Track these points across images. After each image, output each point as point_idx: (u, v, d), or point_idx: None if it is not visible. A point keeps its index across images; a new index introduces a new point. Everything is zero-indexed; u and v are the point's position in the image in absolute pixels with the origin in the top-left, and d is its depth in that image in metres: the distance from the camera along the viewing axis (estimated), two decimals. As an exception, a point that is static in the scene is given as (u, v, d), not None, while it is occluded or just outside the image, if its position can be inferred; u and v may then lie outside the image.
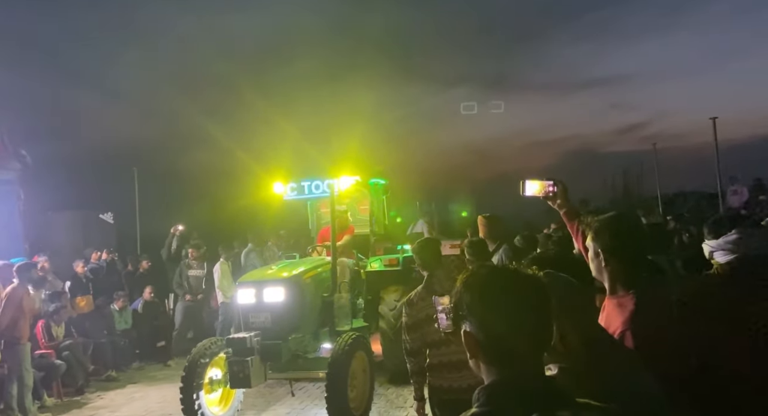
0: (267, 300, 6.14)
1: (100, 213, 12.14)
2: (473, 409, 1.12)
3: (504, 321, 1.13)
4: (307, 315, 6.40)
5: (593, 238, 2.12)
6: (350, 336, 5.82)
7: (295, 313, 6.20)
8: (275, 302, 6.13)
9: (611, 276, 2.05)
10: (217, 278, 9.52)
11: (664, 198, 17.80)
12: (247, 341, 5.76)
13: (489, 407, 1.11)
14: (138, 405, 7.23)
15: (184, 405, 5.72)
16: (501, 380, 1.14)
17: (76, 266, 9.38)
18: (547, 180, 2.66)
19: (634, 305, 1.91)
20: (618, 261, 2.03)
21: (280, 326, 6.04)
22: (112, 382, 8.28)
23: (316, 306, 6.60)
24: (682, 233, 9.05)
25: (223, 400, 6.21)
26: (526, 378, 1.12)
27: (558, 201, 2.65)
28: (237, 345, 5.78)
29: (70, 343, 7.88)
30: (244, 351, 5.74)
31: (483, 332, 1.15)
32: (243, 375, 5.67)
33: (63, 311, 8.08)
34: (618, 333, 1.86)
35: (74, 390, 7.69)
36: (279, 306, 6.11)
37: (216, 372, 6.02)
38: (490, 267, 1.24)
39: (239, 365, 5.66)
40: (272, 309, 6.09)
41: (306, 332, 6.35)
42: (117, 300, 9.39)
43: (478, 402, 1.13)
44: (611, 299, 2.05)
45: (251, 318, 6.14)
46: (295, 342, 6.12)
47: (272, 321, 6.05)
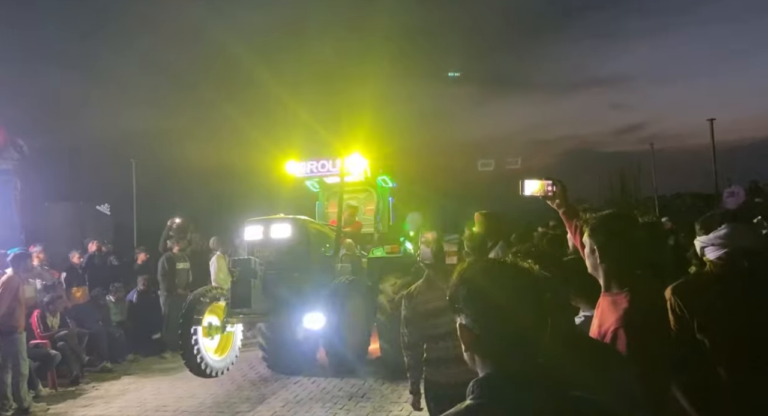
0: (273, 236, 6.37)
1: (97, 205, 12.13)
2: (468, 401, 1.13)
3: (500, 314, 1.14)
4: (309, 258, 6.58)
5: (590, 235, 2.14)
6: (349, 277, 6.00)
7: (299, 252, 6.41)
8: (281, 238, 6.36)
9: (606, 273, 2.07)
10: (214, 271, 9.52)
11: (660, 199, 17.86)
12: (251, 262, 5.92)
13: (484, 399, 1.12)
14: (132, 396, 7.24)
15: (182, 339, 5.87)
16: (496, 372, 1.15)
17: (72, 257, 9.37)
18: (546, 179, 2.69)
19: (628, 303, 1.93)
20: (613, 258, 2.05)
21: (284, 261, 6.25)
22: (107, 373, 8.28)
23: (318, 256, 6.81)
24: (678, 234, 9.08)
25: (220, 349, 6.37)
26: (522, 371, 1.13)
27: (557, 200, 2.67)
28: (242, 265, 5.95)
29: (65, 334, 7.89)
30: (248, 272, 5.89)
31: (479, 324, 1.15)
32: (245, 294, 5.81)
33: (58, 301, 8.08)
34: (612, 330, 1.88)
35: (69, 380, 7.69)
36: (284, 242, 6.34)
37: (214, 318, 6.16)
38: (486, 260, 1.25)
39: (242, 284, 5.82)
40: (278, 245, 6.32)
41: (307, 276, 6.48)
42: (113, 292, 9.39)
43: (473, 394, 1.14)
44: (606, 296, 2.07)
45: (257, 252, 6.34)
46: (296, 280, 6.30)
47: (277, 255, 6.29)
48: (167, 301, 9.60)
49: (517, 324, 1.13)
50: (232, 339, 6.52)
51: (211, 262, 9.65)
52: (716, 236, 2.23)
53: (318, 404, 6.41)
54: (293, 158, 7.60)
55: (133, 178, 12.62)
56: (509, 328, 1.13)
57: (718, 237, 2.23)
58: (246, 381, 7.58)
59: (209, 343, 6.21)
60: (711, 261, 2.28)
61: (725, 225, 2.23)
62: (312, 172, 7.73)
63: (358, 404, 6.21)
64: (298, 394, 6.93)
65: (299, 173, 7.73)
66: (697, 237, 2.34)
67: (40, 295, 8.01)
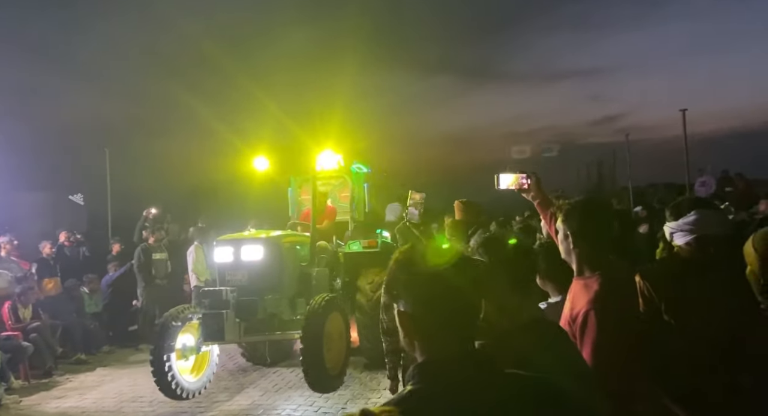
0: (245, 258, 6.10)
1: (70, 195, 11.84)
2: (408, 387, 1.13)
3: (437, 299, 1.14)
4: (283, 278, 6.36)
5: (563, 220, 2.17)
6: (325, 297, 5.85)
7: (273, 273, 6.17)
8: (253, 260, 6.09)
9: (579, 257, 2.11)
10: (191, 262, 9.40)
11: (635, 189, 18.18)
12: (223, 293, 5.71)
13: (423, 384, 1.12)
14: (108, 387, 7.15)
15: (155, 367, 5.63)
16: (434, 357, 1.15)
17: (42, 248, 9.18)
18: (520, 173, 2.76)
19: (599, 285, 1.96)
20: (585, 243, 2.08)
21: (257, 284, 6.00)
22: (81, 365, 8.17)
23: (294, 273, 6.58)
24: (652, 221, 9.28)
25: (195, 369, 6.16)
26: (459, 353, 1.14)
27: (531, 193, 2.74)
28: (212, 297, 5.72)
29: (37, 325, 7.74)
30: (219, 304, 5.66)
31: (417, 309, 1.16)
32: (217, 327, 5.60)
33: (30, 293, 7.92)
34: (582, 312, 1.91)
35: (42, 372, 7.57)
36: (256, 264, 6.08)
37: (189, 338, 5.95)
38: (420, 246, 1.26)
39: (213, 318, 5.60)
40: (249, 268, 6.06)
41: (282, 295, 6.31)
42: (87, 283, 9.24)
43: (412, 380, 1.14)
44: (578, 280, 2.11)
45: (228, 276, 6.10)
46: (271, 302, 6.08)
47: (249, 279, 6.02)
48: (144, 293, 9.47)
49: (452, 308, 1.14)
50: (208, 357, 6.27)
51: (188, 252, 9.52)
52: (685, 222, 2.28)
53: (297, 392, 6.42)
54: (262, 154, 7.38)
55: (107, 167, 12.31)
56: (445, 312, 1.14)
57: (687, 223, 2.27)
58: (224, 370, 7.54)
59: (184, 364, 5.94)
60: (679, 247, 2.34)
61: (694, 212, 2.28)
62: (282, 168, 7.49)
63: (337, 392, 6.23)
64: (276, 383, 6.93)
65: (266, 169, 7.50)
66: (666, 223, 2.39)
67: (11, 286, 7.83)
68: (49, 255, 9.27)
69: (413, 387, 1.13)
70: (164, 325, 5.70)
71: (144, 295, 9.48)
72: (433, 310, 1.15)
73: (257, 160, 7.25)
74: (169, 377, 5.64)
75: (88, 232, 11.05)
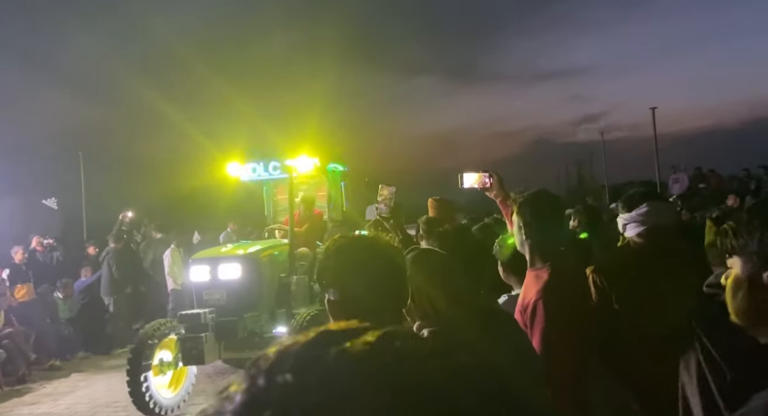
0: (222, 277, 6.00)
1: (43, 199, 11.64)
2: None
3: (366, 284, 1.18)
4: (263, 294, 6.27)
5: (517, 213, 2.23)
6: (309, 314, 5.77)
7: (251, 291, 6.07)
8: (230, 279, 5.98)
9: (530, 248, 2.16)
10: (167, 265, 9.32)
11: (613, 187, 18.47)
12: (201, 317, 5.59)
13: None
14: (83, 393, 7.06)
15: (131, 387, 5.52)
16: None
17: (15, 253, 9.02)
18: (483, 172, 2.83)
19: (548, 276, 2.01)
20: (537, 234, 2.13)
21: (236, 303, 5.90)
22: (56, 371, 8.04)
23: (273, 286, 6.48)
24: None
25: (173, 383, 6.04)
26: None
27: (494, 191, 2.80)
28: (190, 320, 5.61)
29: (10, 332, 7.62)
30: (197, 327, 5.55)
31: (347, 296, 1.19)
32: (196, 351, 5.49)
33: (2, 299, 7.79)
34: (532, 302, 1.97)
35: (15, 379, 7.44)
36: (234, 283, 5.97)
37: (166, 353, 5.85)
38: (349, 236, 1.30)
39: (192, 341, 5.48)
40: (227, 287, 5.95)
41: (262, 311, 6.23)
42: (61, 289, 9.10)
43: None
44: (530, 271, 2.16)
45: (205, 295, 6.00)
46: (251, 320, 5.99)
47: (227, 298, 5.91)
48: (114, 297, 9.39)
49: (382, 293, 1.17)
50: (186, 371, 6.15)
51: (164, 255, 9.44)
52: (638, 213, 2.34)
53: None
54: (236, 159, 7.30)
55: (81, 170, 12.14)
56: (374, 297, 1.17)
57: (640, 214, 2.33)
58: (202, 374, 7.47)
59: (161, 380, 5.82)
60: (631, 238, 2.40)
61: (646, 204, 2.34)
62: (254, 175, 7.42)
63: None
64: (254, 385, 6.90)
65: (242, 176, 7.44)
66: (619, 215, 2.45)
67: (-19, 293, 7.69)
68: (21, 261, 9.11)
69: None
70: (140, 343, 5.60)
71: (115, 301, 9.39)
72: (363, 295, 1.17)
73: (230, 165, 7.18)
74: (147, 397, 5.53)
75: (62, 237, 10.87)
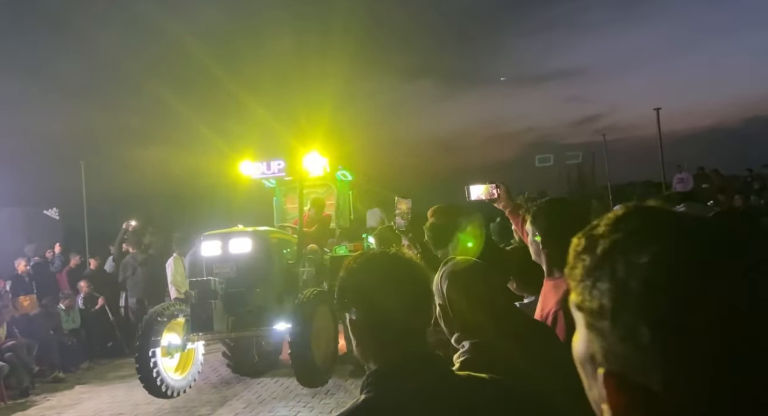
0: (232, 251, 6.10)
1: (45, 209, 11.60)
2: (362, 396, 1.11)
3: (390, 303, 1.13)
4: (271, 273, 6.35)
5: (531, 222, 2.17)
6: (313, 291, 5.87)
7: (261, 266, 6.16)
8: (240, 253, 6.09)
9: (548, 258, 2.10)
10: (170, 274, 9.24)
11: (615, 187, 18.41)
12: (211, 283, 5.73)
13: (375, 392, 1.10)
14: (87, 406, 6.99)
15: (140, 363, 5.58)
16: (386, 364, 1.13)
17: (17, 265, 8.98)
18: (490, 183, 2.82)
19: (567, 285, 1.95)
20: (553, 243, 2.07)
21: (245, 277, 6.00)
22: (59, 383, 7.98)
23: (281, 268, 6.58)
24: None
25: (180, 367, 6.13)
26: (410, 360, 1.12)
27: (502, 202, 2.77)
28: (201, 286, 5.75)
29: (13, 344, 7.56)
30: (207, 294, 5.65)
31: (370, 316, 1.14)
32: (205, 316, 5.62)
33: (5, 311, 7.76)
34: (552, 312, 1.91)
35: (19, 392, 7.38)
36: (244, 257, 6.08)
37: (174, 337, 5.91)
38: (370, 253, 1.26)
39: (202, 306, 5.61)
40: (237, 260, 6.06)
41: (270, 290, 6.28)
42: (63, 300, 9.05)
43: (366, 388, 1.11)
44: (548, 281, 2.10)
45: (215, 269, 6.08)
46: (259, 295, 6.07)
47: (237, 271, 6.02)
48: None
49: (406, 312, 1.13)
50: (193, 356, 6.22)
51: (167, 264, 9.38)
52: None
53: (281, 403, 6.34)
54: (248, 158, 7.37)
55: (83, 180, 12.09)
56: (398, 316, 1.12)
57: None
58: (207, 384, 7.42)
59: (168, 363, 5.90)
60: None
61: (684, 204, 2.27)
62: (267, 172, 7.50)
63: (322, 401, 6.17)
64: (260, 395, 6.84)
65: (254, 174, 7.52)
66: None
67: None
68: (24, 272, 9.08)
69: (366, 395, 1.10)
70: (150, 321, 5.68)
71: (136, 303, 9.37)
72: (385, 317, 1.12)
73: (243, 164, 7.28)
74: (155, 374, 5.59)
75: (64, 247, 10.82)
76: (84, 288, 9.47)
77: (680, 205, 2.28)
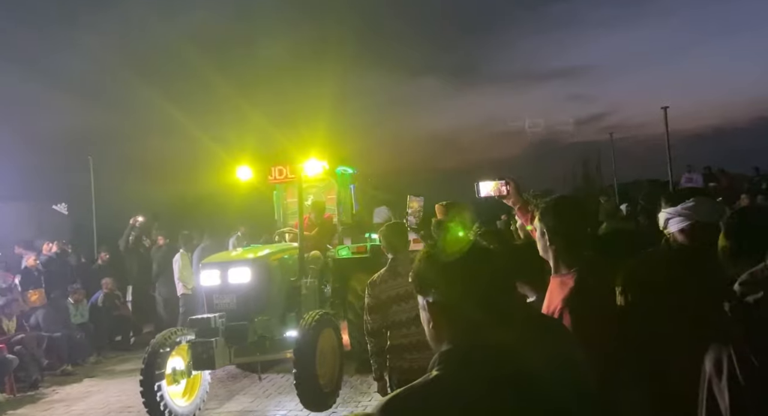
0: (232, 281, 6.02)
1: (54, 204, 11.69)
2: (434, 372, 1.15)
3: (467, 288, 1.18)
4: (273, 298, 6.28)
5: (539, 219, 2.19)
6: (317, 313, 5.78)
7: (261, 295, 6.09)
8: (240, 283, 6.01)
9: (555, 255, 2.12)
10: (177, 269, 9.33)
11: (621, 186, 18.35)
12: (211, 321, 5.61)
13: (447, 370, 1.14)
14: (95, 399, 7.06)
15: (145, 397, 5.50)
16: (459, 347, 1.17)
17: (27, 259, 9.06)
18: (499, 179, 2.79)
19: (574, 282, 1.98)
20: (561, 240, 2.10)
21: (246, 307, 5.93)
22: (68, 376, 8.07)
23: (283, 290, 6.50)
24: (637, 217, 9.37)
25: (187, 392, 6.01)
26: (484, 345, 1.16)
27: (511, 199, 2.77)
28: (201, 325, 5.63)
29: (22, 337, 7.65)
30: (208, 332, 5.57)
31: (447, 298, 1.19)
32: (207, 355, 5.48)
33: (14, 305, 7.84)
34: (558, 309, 1.93)
35: (28, 385, 7.47)
36: (244, 287, 6.00)
37: (178, 361, 5.84)
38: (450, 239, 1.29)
39: (203, 346, 5.49)
40: (237, 291, 5.98)
41: (272, 315, 6.23)
42: (72, 294, 9.14)
43: (438, 365, 1.16)
44: (555, 277, 2.13)
45: (215, 300, 6.02)
46: (261, 324, 6.00)
47: (237, 302, 5.94)
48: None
49: (482, 295, 1.18)
50: (200, 378, 6.11)
51: (174, 260, 9.46)
52: (684, 207, 2.21)
53: (288, 397, 6.39)
54: (245, 163, 7.31)
55: (91, 175, 12.17)
56: (475, 299, 1.18)
57: (686, 208, 2.21)
58: (214, 378, 7.45)
59: (174, 389, 5.79)
60: (672, 234, 2.27)
61: (693, 198, 2.25)
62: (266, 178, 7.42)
63: (327, 396, 6.20)
64: (267, 389, 6.89)
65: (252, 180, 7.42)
66: (662, 210, 2.30)
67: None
68: (33, 267, 9.17)
69: (437, 372, 1.14)
70: (152, 353, 5.57)
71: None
72: (464, 297, 1.18)
73: (240, 169, 7.20)
74: (162, 406, 5.50)
75: (72, 242, 10.91)
76: (108, 285, 9.54)
77: (689, 199, 2.27)
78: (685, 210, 2.21)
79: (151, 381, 5.50)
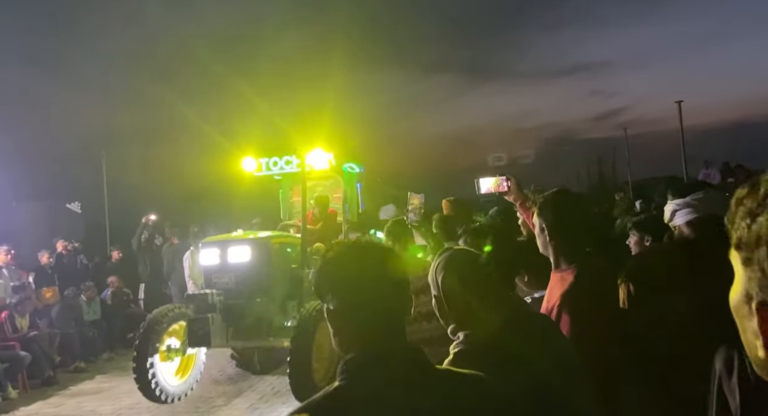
0: (231, 260, 5.91)
1: (67, 203, 11.84)
2: (336, 383, 1.10)
3: (366, 293, 1.12)
4: (273, 281, 6.14)
5: (538, 214, 2.14)
6: (318, 304, 5.71)
7: (261, 275, 5.97)
8: (240, 262, 5.90)
9: (555, 250, 2.07)
10: (188, 267, 9.37)
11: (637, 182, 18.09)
12: (208, 297, 5.53)
13: (351, 380, 1.09)
14: (106, 395, 7.13)
15: (137, 372, 5.43)
16: (364, 352, 1.11)
17: (41, 257, 9.18)
18: (500, 176, 2.78)
19: (573, 278, 1.92)
20: (560, 235, 2.04)
21: (245, 287, 5.82)
22: (80, 373, 8.15)
23: (284, 275, 6.36)
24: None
25: (181, 370, 5.95)
26: (389, 350, 1.11)
27: (512, 195, 2.74)
28: (198, 300, 5.56)
29: (35, 334, 7.74)
30: (204, 308, 5.48)
31: (346, 304, 1.13)
32: (203, 332, 5.40)
33: (27, 302, 7.93)
34: (557, 305, 1.88)
35: (40, 381, 7.56)
36: (244, 266, 5.89)
37: (174, 340, 5.78)
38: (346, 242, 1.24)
39: (199, 322, 5.41)
40: (237, 270, 5.87)
41: (272, 298, 6.10)
42: (85, 291, 9.24)
43: (342, 375, 1.10)
44: (555, 273, 2.07)
45: (214, 279, 5.92)
46: (260, 306, 5.89)
47: (236, 281, 5.84)
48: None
49: (382, 303, 1.11)
50: (195, 358, 6.06)
51: (184, 258, 9.50)
52: (692, 198, 2.14)
53: (284, 404, 6.29)
54: (250, 154, 7.27)
55: (104, 174, 12.32)
56: (375, 307, 1.11)
57: (694, 199, 2.13)
58: (223, 375, 7.51)
59: (168, 367, 5.73)
60: (679, 227, 2.19)
61: (703, 191, 2.17)
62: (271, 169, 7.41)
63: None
64: (275, 386, 6.88)
65: (257, 172, 7.42)
66: (670, 201, 2.23)
67: (8, 296, 7.84)
68: (47, 265, 9.29)
69: (340, 382, 1.09)
70: (148, 327, 5.52)
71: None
72: (363, 305, 1.11)
73: (245, 160, 7.20)
74: (150, 376, 5.40)
75: (85, 240, 11.05)
76: (114, 284, 9.64)
77: (700, 191, 2.18)
78: (695, 201, 2.13)
79: (144, 353, 5.42)
